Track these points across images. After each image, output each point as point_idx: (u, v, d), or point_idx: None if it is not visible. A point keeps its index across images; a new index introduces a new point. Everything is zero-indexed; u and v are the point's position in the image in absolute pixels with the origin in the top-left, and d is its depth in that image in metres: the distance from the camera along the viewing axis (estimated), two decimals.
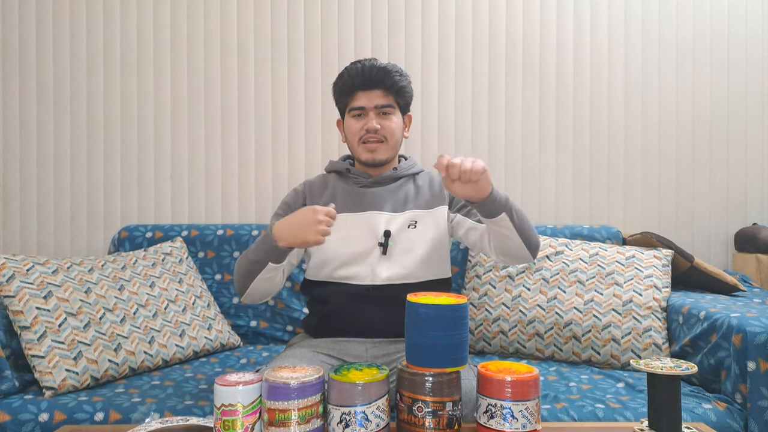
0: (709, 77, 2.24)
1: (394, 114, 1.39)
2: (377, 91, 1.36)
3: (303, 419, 0.89)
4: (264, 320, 1.95)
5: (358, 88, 1.36)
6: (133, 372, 1.56)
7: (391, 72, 1.35)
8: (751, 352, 1.34)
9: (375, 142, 1.37)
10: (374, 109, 1.36)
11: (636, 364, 1.00)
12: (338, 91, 1.41)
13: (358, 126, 1.37)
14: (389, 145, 1.38)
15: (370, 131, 1.36)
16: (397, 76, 1.36)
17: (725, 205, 2.25)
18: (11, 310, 1.45)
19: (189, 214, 2.20)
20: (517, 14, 2.22)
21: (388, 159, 1.40)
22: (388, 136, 1.37)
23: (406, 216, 1.36)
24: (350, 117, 1.39)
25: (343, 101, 1.41)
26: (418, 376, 0.94)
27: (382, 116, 1.37)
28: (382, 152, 1.38)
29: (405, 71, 1.40)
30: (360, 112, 1.37)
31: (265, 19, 2.20)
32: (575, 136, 2.23)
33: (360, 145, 1.38)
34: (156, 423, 0.99)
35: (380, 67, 1.35)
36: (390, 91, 1.36)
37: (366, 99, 1.36)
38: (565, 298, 1.75)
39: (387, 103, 1.36)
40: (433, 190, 1.42)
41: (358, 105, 1.37)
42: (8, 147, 2.20)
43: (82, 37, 2.20)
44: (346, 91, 1.38)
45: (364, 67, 1.35)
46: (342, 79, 1.39)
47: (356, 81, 1.36)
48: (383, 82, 1.35)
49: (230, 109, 2.21)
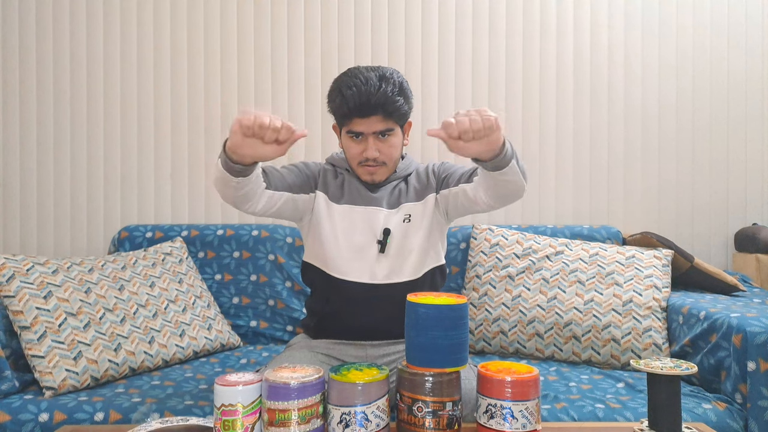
0: (709, 77, 2.24)
1: (394, 135, 1.31)
2: (375, 117, 1.26)
3: (303, 419, 0.89)
4: (264, 320, 1.95)
5: (355, 115, 1.26)
6: (133, 372, 1.56)
7: (390, 97, 1.24)
8: (751, 352, 1.34)
9: (374, 166, 1.32)
10: (372, 134, 1.28)
11: (636, 364, 1.00)
12: (333, 110, 1.32)
13: (357, 150, 1.31)
14: (389, 167, 1.35)
15: (369, 159, 1.30)
16: (398, 102, 1.26)
17: (725, 205, 2.25)
18: (11, 310, 1.45)
19: (189, 214, 2.20)
20: (516, 14, 2.22)
21: (387, 178, 1.38)
22: (387, 160, 1.33)
23: (401, 212, 1.35)
24: (347, 137, 1.32)
25: (338, 120, 1.33)
26: (418, 376, 0.94)
27: (381, 139, 1.30)
28: (381, 174, 1.35)
29: (405, 82, 1.30)
30: (358, 134, 1.29)
31: (265, 20, 2.20)
32: (575, 136, 2.23)
33: (359, 167, 1.34)
34: (156, 423, 0.99)
35: (380, 92, 1.23)
36: (390, 117, 1.27)
37: (364, 126, 1.27)
38: (565, 298, 1.75)
39: (386, 128, 1.28)
40: (421, 180, 1.39)
41: (356, 130, 1.28)
42: (8, 147, 2.20)
43: (82, 37, 2.20)
44: (342, 115, 1.28)
45: (360, 93, 1.23)
46: (335, 102, 1.28)
47: (352, 108, 1.25)
48: (383, 108, 1.25)
49: (230, 109, 2.20)
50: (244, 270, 1.97)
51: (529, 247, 1.87)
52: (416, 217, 1.35)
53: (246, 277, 1.97)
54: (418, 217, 1.35)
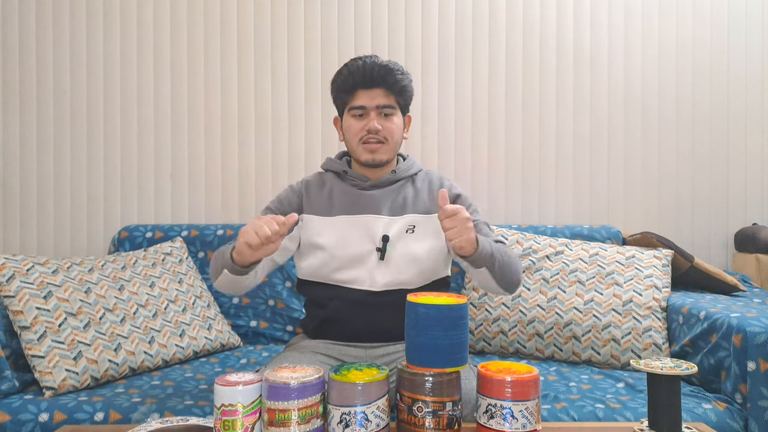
0: (709, 77, 2.24)
1: (395, 114, 1.35)
2: (379, 90, 1.32)
3: (303, 419, 0.89)
4: (264, 320, 1.95)
5: (359, 87, 1.32)
6: (133, 372, 1.56)
7: (393, 71, 1.32)
8: (751, 352, 1.34)
9: (376, 142, 1.33)
10: (375, 109, 1.32)
11: (636, 364, 1.00)
12: (337, 88, 1.36)
13: (359, 126, 1.33)
14: (390, 146, 1.35)
15: (371, 132, 1.32)
16: (399, 75, 1.33)
17: (725, 205, 2.25)
18: (11, 310, 1.45)
19: (189, 214, 2.20)
20: (517, 14, 2.22)
21: (388, 160, 1.37)
22: (388, 137, 1.34)
23: (405, 220, 1.33)
24: (350, 116, 1.35)
25: (342, 99, 1.36)
26: (418, 376, 0.94)
27: (383, 117, 1.34)
28: (382, 153, 1.35)
29: (406, 70, 1.37)
30: (360, 112, 1.33)
31: (265, 19, 2.20)
32: (575, 136, 2.23)
33: (360, 146, 1.34)
34: (156, 423, 0.99)
35: (382, 65, 1.32)
36: (392, 91, 1.33)
37: (367, 98, 1.32)
38: (565, 298, 1.75)
39: (388, 103, 1.33)
40: (432, 194, 1.39)
41: (359, 104, 1.32)
42: (8, 147, 2.20)
43: (82, 37, 2.20)
44: (347, 88, 1.34)
45: (365, 65, 1.31)
46: (342, 76, 1.34)
47: (357, 79, 1.32)
48: (385, 80, 1.32)
49: (230, 109, 2.21)
50: None
51: (529, 247, 1.87)
52: (421, 229, 1.34)
53: None
54: (424, 229, 1.34)
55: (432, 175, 1.44)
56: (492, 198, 2.21)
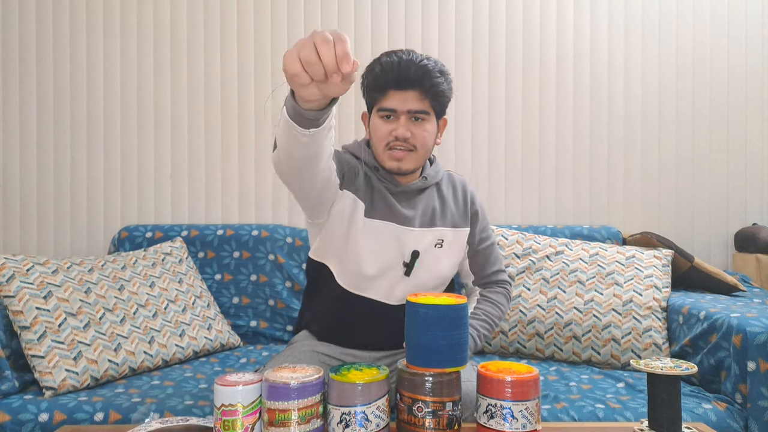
0: (708, 77, 2.24)
1: (428, 121, 1.21)
2: (413, 92, 1.18)
3: (303, 419, 0.89)
4: (264, 320, 1.95)
5: (391, 87, 1.18)
6: (133, 372, 1.56)
7: (431, 72, 1.17)
8: (751, 352, 1.34)
9: (403, 150, 1.20)
10: (406, 113, 1.19)
11: (636, 364, 1.00)
12: (368, 85, 1.21)
13: (386, 130, 1.20)
14: (419, 154, 1.22)
15: (399, 138, 1.19)
16: (438, 78, 1.18)
17: (725, 205, 2.25)
18: (11, 310, 1.45)
19: (189, 214, 2.20)
20: (516, 15, 2.22)
21: (414, 169, 1.25)
22: (418, 145, 1.21)
23: (434, 234, 1.27)
24: (378, 117, 1.21)
25: (371, 96, 1.22)
26: (418, 376, 0.94)
27: (414, 122, 1.20)
28: (409, 162, 1.22)
29: (448, 72, 1.22)
30: (389, 114, 1.20)
31: (264, 19, 2.20)
32: (575, 136, 2.23)
33: (386, 151, 1.21)
34: (156, 423, 0.99)
35: (420, 64, 1.16)
36: (427, 95, 1.18)
37: (399, 101, 1.18)
38: (565, 298, 1.75)
39: (421, 109, 1.19)
40: (458, 205, 1.32)
41: (389, 106, 1.19)
42: (8, 147, 2.20)
43: (82, 37, 2.20)
44: (378, 87, 1.19)
45: (401, 62, 1.16)
46: (373, 73, 1.20)
47: (390, 78, 1.17)
48: (421, 83, 1.17)
49: (230, 109, 2.20)
50: (244, 270, 1.97)
51: (529, 247, 1.87)
52: (448, 244, 1.29)
53: (246, 277, 1.97)
54: (450, 244, 1.29)
55: (454, 179, 1.37)
56: (492, 198, 2.21)
